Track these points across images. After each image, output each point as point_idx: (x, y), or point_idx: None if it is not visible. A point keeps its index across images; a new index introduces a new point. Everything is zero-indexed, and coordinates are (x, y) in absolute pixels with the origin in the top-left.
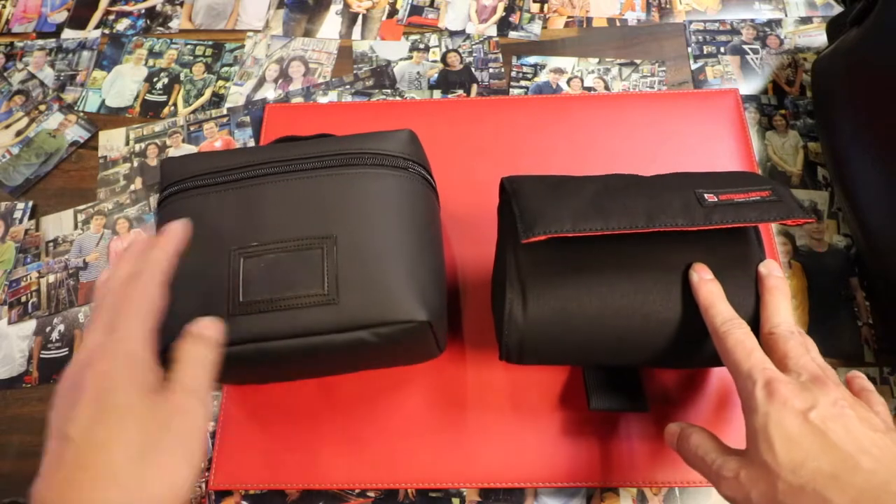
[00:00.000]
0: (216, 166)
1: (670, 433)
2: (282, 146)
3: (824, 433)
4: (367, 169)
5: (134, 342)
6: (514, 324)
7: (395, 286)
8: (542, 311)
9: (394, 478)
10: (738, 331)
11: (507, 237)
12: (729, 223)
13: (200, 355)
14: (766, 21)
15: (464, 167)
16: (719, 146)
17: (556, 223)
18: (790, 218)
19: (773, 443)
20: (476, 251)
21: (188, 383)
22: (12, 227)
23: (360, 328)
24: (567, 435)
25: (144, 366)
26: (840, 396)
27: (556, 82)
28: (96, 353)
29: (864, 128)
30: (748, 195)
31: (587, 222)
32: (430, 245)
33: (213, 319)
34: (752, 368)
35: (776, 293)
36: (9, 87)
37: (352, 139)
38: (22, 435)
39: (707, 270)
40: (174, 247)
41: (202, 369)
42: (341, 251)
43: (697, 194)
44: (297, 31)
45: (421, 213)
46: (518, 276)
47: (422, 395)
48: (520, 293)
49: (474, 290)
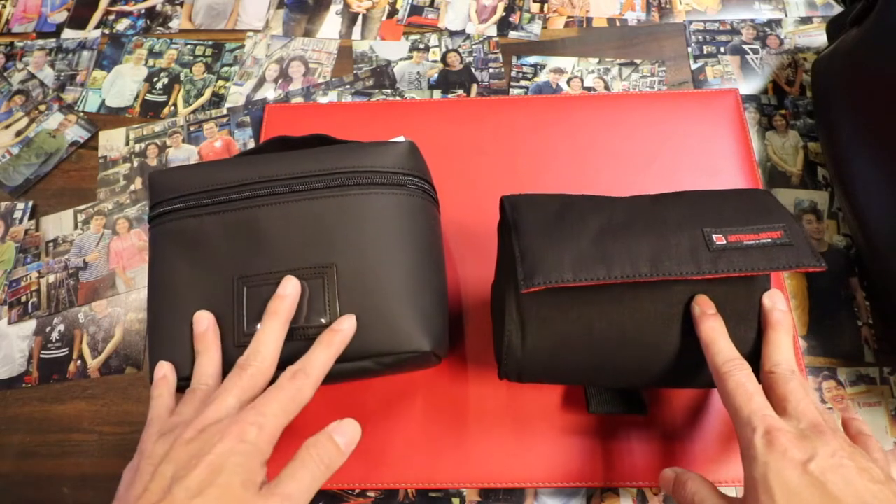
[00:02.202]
0: (209, 184)
1: (666, 479)
2: (276, 159)
3: (824, 484)
4: (366, 189)
5: (267, 434)
6: (513, 354)
7: (399, 316)
8: (541, 344)
9: (394, 478)
10: (739, 373)
11: (506, 269)
12: (736, 272)
13: (318, 473)
14: (766, 21)
15: (464, 167)
16: (719, 146)
17: (556, 272)
18: (799, 267)
19: (774, 493)
20: (476, 253)
21: (290, 493)
22: (12, 227)
23: (362, 358)
24: (567, 435)
25: (262, 459)
26: (839, 447)
27: (556, 82)
28: (233, 426)
29: (864, 128)
30: (759, 236)
31: (589, 271)
32: (432, 265)
33: (356, 429)
34: (752, 415)
35: (779, 329)
36: (9, 87)
37: (349, 152)
38: (22, 435)
39: (710, 304)
40: (341, 349)
41: (309, 485)
42: (342, 280)
43: (706, 234)
44: (297, 31)
45: (422, 232)
46: (517, 310)
47: (422, 395)
48: (518, 326)
49: (475, 294)
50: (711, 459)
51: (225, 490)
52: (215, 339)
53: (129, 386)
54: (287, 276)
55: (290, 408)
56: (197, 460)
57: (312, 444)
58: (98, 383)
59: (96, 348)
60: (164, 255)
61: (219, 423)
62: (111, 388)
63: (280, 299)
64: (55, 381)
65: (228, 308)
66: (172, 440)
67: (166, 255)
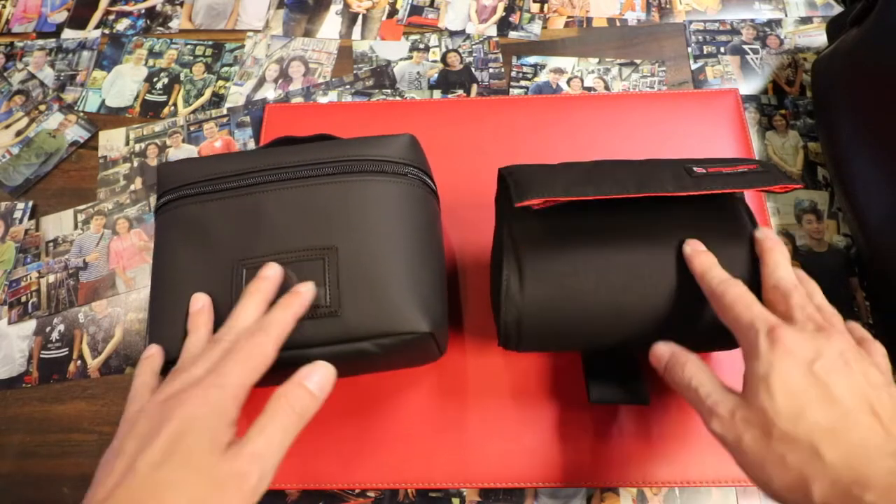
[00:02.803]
0: (214, 172)
1: (659, 355)
2: (280, 150)
3: (826, 385)
4: (368, 176)
5: (229, 394)
6: (512, 301)
7: (397, 297)
8: (540, 287)
9: (394, 478)
10: (735, 287)
11: (502, 219)
12: (718, 189)
13: (290, 424)
14: (766, 21)
15: (464, 167)
16: (719, 146)
17: (549, 189)
18: (777, 184)
19: (775, 391)
20: (476, 251)
21: (259, 450)
22: (12, 227)
23: (362, 339)
24: (567, 435)
25: (227, 419)
26: (845, 348)
27: (556, 82)
28: (193, 390)
29: (864, 128)
30: (736, 167)
31: (579, 188)
32: (431, 253)
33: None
34: (755, 318)
35: (776, 251)
36: (9, 87)
37: (351, 143)
38: (22, 435)
39: (700, 244)
40: (301, 311)
41: (281, 439)
42: (342, 262)
43: (687, 167)
44: (297, 31)
45: (422, 220)
46: (514, 254)
47: (422, 395)
48: (516, 270)
49: (475, 290)
50: (712, 460)
51: (189, 455)
52: (208, 320)
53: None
54: (269, 262)
55: (251, 364)
56: (158, 430)
57: (282, 394)
58: (98, 383)
59: (96, 348)
60: (168, 241)
61: (182, 390)
62: (111, 388)
63: (261, 279)
64: (55, 381)
65: (227, 291)
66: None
67: (169, 240)
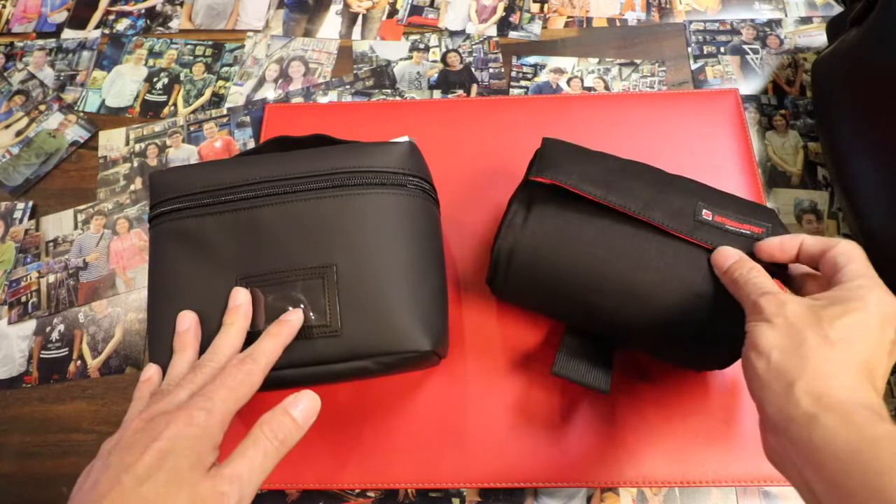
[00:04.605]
0: (209, 184)
1: (726, 255)
2: (276, 159)
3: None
4: (367, 189)
5: (216, 419)
6: (512, 229)
7: (398, 315)
8: (541, 226)
9: (394, 478)
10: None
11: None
12: (707, 244)
13: (272, 450)
14: (766, 21)
15: (464, 167)
16: (719, 146)
17: (564, 176)
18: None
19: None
20: (476, 252)
21: (240, 472)
22: (12, 227)
23: (362, 358)
24: (567, 435)
25: (212, 443)
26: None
27: (556, 82)
28: (180, 412)
29: (864, 128)
30: (741, 226)
31: (589, 187)
32: (432, 265)
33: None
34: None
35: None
36: (9, 87)
37: (349, 152)
38: (22, 435)
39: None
40: (289, 339)
41: (262, 463)
42: (342, 280)
43: (697, 206)
44: (297, 31)
45: (422, 232)
46: (529, 195)
47: (422, 395)
48: (526, 206)
49: (474, 292)
50: (712, 460)
51: (173, 473)
52: (195, 339)
53: (129, 386)
54: (235, 287)
55: (239, 392)
56: (145, 447)
57: (266, 421)
58: (98, 383)
59: (96, 348)
60: (165, 255)
61: (167, 412)
62: (111, 388)
63: (234, 311)
64: (55, 381)
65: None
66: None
67: (167, 254)
